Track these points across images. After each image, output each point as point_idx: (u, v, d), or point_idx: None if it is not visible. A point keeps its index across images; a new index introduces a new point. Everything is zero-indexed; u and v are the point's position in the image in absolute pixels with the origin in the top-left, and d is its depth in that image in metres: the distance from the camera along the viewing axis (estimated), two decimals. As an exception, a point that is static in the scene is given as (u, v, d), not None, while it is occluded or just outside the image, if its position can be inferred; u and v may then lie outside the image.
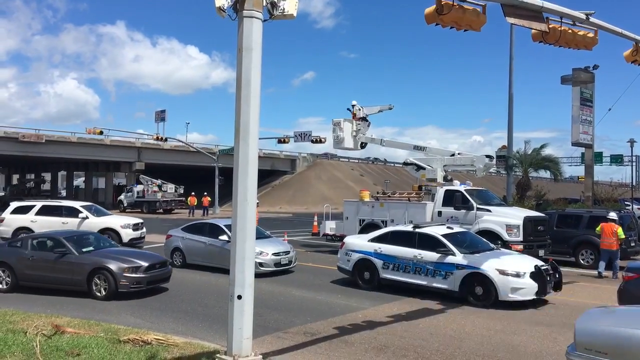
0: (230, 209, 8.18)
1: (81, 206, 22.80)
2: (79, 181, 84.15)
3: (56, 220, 21.87)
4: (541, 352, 9.14)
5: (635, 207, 37.65)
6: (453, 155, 21.70)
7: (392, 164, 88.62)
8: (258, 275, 10.60)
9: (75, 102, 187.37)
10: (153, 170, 59.97)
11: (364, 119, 23.50)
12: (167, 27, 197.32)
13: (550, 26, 10.13)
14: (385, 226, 20.51)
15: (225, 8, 7.23)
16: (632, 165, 59.23)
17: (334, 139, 23.46)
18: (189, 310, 11.91)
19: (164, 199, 53.61)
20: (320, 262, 19.85)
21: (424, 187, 21.47)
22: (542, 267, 12.67)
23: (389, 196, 22.53)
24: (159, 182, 54.70)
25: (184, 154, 61.33)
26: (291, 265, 17.12)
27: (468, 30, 9.55)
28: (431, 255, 13.32)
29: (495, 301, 12.29)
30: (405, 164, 24.05)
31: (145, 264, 13.11)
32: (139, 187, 54.99)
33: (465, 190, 19.78)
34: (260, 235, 15.98)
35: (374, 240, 14.79)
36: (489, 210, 18.79)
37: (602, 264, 17.41)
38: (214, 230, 17.62)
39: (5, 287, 13.63)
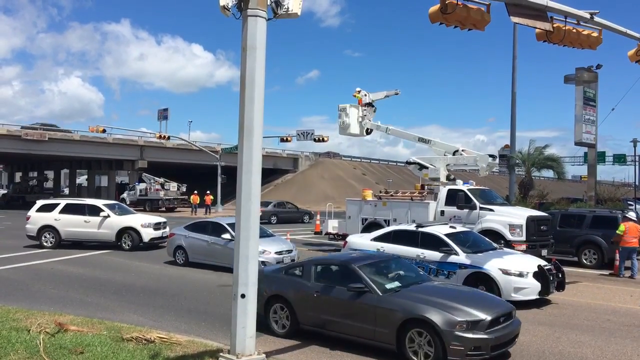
0: (232, 208, 8.19)
1: (104, 205, 22.67)
2: (82, 179, 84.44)
3: (79, 218, 21.89)
4: (544, 352, 9.12)
5: (638, 206, 37.61)
6: (457, 151, 21.61)
7: (395, 163, 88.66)
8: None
9: (79, 100, 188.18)
10: (156, 169, 60.06)
11: (370, 104, 23.46)
12: (172, 25, 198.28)
13: (555, 25, 10.11)
14: (388, 225, 20.49)
15: (229, 7, 7.22)
16: (635, 165, 59.05)
17: (339, 125, 23.34)
18: (191, 309, 11.91)
19: (167, 197, 53.70)
20: (322, 261, 19.82)
21: (426, 187, 21.44)
22: (546, 267, 12.64)
23: (391, 195, 22.51)
24: (161, 180, 54.79)
25: (186, 152, 61.40)
26: (294, 264, 17.07)
27: (472, 30, 9.53)
28: (434, 255, 13.30)
29: None
30: (408, 163, 24.01)
31: (487, 317, 8.19)
32: (142, 185, 55.11)
33: (468, 189, 19.74)
34: (262, 234, 15.98)
35: (376, 239, 14.76)
36: (492, 210, 18.75)
37: (623, 264, 17.33)
38: (217, 229, 17.62)
39: (282, 330, 9.85)
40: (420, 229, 14.13)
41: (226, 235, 16.82)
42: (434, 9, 9.08)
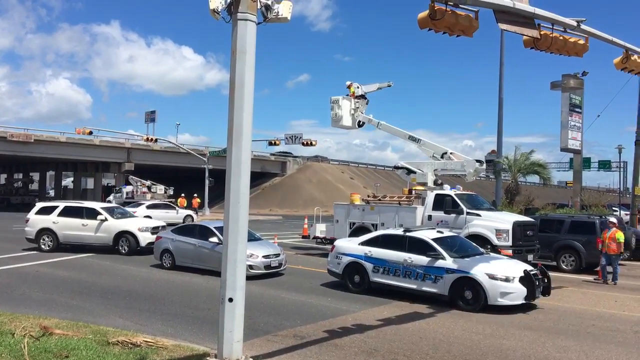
0: (220, 211, 8.18)
1: (102, 208, 22.40)
2: (68, 181, 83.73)
3: (77, 221, 21.62)
4: (529, 357, 9.18)
5: (622, 212, 38.02)
6: (445, 153, 21.66)
7: (383, 167, 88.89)
8: (248, 278, 10.53)
9: (67, 101, 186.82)
10: (142, 171, 59.69)
11: (362, 96, 23.48)
12: (162, 27, 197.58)
13: (542, 33, 10.20)
14: (376, 230, 20.52)
15: (219, 10, 7.22)
16: (619, 171, 59.75)
17: (332, 117, 23.26)
18: (178, 313, 11.85)
19: (153, 200, 53.35)
20: (310, 264, 19.84)
21: (414, 191, 21.51)
22: (532, 272, 12.74)
23: (379, 200, 22.55)
24: (148, 183, 54.45)
25: (174, 155, 61.15)
26: (281, 268, 17.09)
27: (461, 36, 9.59)
28: (421, 259, 13.33)
29: (485, 305, 12.32)
30: (396, 167, 24.05)
31: None
32: (128, 188, 54.71)
33: (455, 194, 19.84)
34: (250, 238, 15.90)
35: (364, 243, 14.77)
36: (479, 215, 18.86)
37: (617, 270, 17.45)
38: (204, 232, 17.55)
39: None
40: (407, 234, 14.19)
41: (213, 239, 16.76)
42: (422, 15, 9.12)
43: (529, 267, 13.07)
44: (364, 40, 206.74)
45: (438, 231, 14.83)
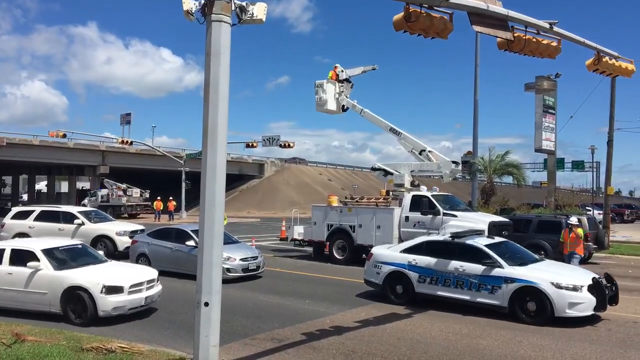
0: (197, 214, 8.12)
1: (79, 212, 22.06)
2: (41, 185, 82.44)
3: (53, 226, 21.19)
4: (506, 356, 9.27)
5: (596, 212, 38.67)
6: (424, 150, 21.70)
7: (361, 169, 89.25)
8: (225, 281, 10.50)
9: (42, 104, 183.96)
10: (118, 174, 59.00)
11: (347, 80, 23.49)
12: (141, 28, 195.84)
13: (515, 35, 10.30)
14: (354, 231, 20.58)
15: (193, 12, 7.19)
16: (592, 172, 60.83)
17: (316, 101, 23.12)
18: (154, 318, 11.72)
19: (129, 204, 52.82)
20: (288, 267, 19.79)
21: (391, 193, 21.59)
22: (600, 280, 11.78)
23: (357, 201, 22.59)
24: (124, 186, 53.93)
25: (150, 157, 60.46)
26: (259, 271, 17.02)
27: (435, 38, 9.64)
28: (475, 268, 12.32)
29: (551, 318, 11.39)
30: (374, 169, 24.08)
31: None
32: (104, 192, 54.12)
33: (431, 195, 19.96)
34: (227, 241, 15.82)
35: (406, 251, 13.78)
36: (455, 216, 18.98)
37: None
38: (180, 236, 17.38)
39: None
40: (457, 240, 13.25)
41: (190, 242, 16.61)
42: (398, 17, 9.13)
43: (596, 275, 12.10)
44: (344, 41, 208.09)
45: (489, 237, 14.07)
